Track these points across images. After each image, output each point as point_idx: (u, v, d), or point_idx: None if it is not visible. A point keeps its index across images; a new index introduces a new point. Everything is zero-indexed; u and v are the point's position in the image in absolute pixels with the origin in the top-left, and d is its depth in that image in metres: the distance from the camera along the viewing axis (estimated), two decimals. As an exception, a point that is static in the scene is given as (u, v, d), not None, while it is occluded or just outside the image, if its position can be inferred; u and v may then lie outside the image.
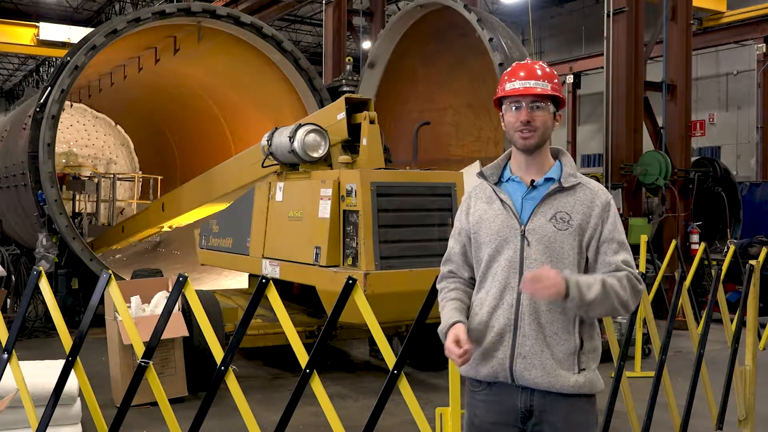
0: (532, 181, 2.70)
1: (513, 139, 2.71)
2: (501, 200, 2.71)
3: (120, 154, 17.99)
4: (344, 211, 6.37)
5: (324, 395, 3.60)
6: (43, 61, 31.37)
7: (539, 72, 2.70)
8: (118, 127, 17.98)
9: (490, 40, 9.10)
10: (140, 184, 17.74)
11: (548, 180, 2.69)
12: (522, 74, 2.70)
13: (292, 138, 6.93)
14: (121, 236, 13.56)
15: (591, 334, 2.66)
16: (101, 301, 3.89)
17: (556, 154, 2.77)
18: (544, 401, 2.61)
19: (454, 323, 2.65)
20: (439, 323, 2.74)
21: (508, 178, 2.76)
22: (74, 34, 20.10)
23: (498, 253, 2.69)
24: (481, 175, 2.80)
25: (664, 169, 10.99)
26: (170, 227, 13.21)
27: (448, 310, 2.73)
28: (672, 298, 5.04)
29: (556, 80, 2.72)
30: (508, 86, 2.71)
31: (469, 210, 2.80)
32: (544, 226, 2.63)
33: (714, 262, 10.06)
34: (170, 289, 5.96)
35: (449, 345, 2.61)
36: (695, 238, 11.34)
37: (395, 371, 3.46)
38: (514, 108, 2.69)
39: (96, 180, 15.97)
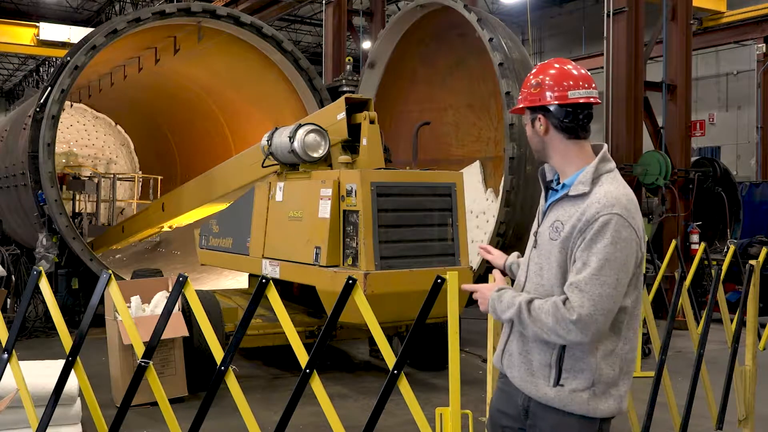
0: (558, 183, 2.71)
1: None
2: (544, 198, 2.78)
3: (120, 154, 17.99)
4: (344, 211, 6.36)
5: (324, 395, 3.60)
6: (43, 61, 31.36)
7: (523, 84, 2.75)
8: (118, 127, 17.98)
9: (490, 40, 9.10)
10: (140, 184, 17.74)
11: (565, 185, 2.65)
12: None
13: (292, 138, 6.93)
14: (121, 236, 13.56)
15: (580, 356, 2.52)
16: (101, 301, 3.89)
17: (596, 153, 2.67)
18: (536, 406, 2.62)
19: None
20: (439, 323, 2.77)
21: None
22: (74, 34, 20.11)
23: (526, 249, 2.79)
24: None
25: (664, 169, 10.98)
26: (170, 227, 13.22)
27: None
28: (672, 298, 5.04)
29: (528, 83, 2.68)
30: None
31: None
32: (545, 232, 2.64)
33: (714, 262, 10.06)
34: (170, 289, 5.97)
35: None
36: (695, 238, 11.33)
37: (395, 371, 3.46)
38: None
39: (96, 180, 15.96)
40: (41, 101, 9.72)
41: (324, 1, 15.25)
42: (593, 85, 2.64)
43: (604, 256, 2.41)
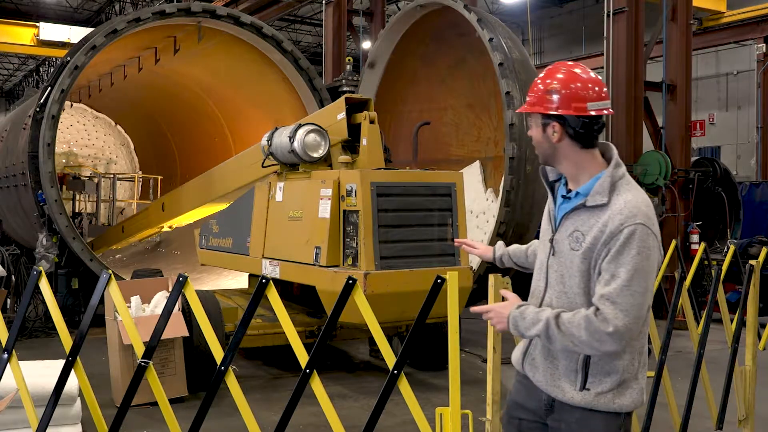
0: (569, 190, 2.67)
1: None
2: (552, 200, 2.74)
3: (120, 154, 18.00)
4: (344, 211, 6.37)
5: (324, 395, 3.60)
6: (43, 61, 31.38)
7: (534, 84, 2.67)
8: (118, 127, 17.99)
9: (490, 40, 9.09)
10: (140, 184, 17.75)
11: (579, 194, 2.61)
12: None
13: (292, 138, 6.93)
14: (121, 236, 13.56)
15: (606, 361, 2.56)
16: (101, 301, 3.88)
17: (609, 160, 2.63)
18: (561, 403, 2.63)
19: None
20: (439, 323, 2.76)
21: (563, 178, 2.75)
22: (74, 34, 20.10)
23: (540, 252, 2.76)
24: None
25: (664, 169, 10.98)
26: (170, 227, 13.22)
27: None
28: (672, 298, 5.03)
29: (540, 87, 2.61)
30: None
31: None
32: (563, 241, 2.62)
33: (714, 262, 10.05)
34: (170, 289, 5.97)
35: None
36: (695, 238, 11.34)
37: (395, 371, 3.46)
38: None
39: (96, 180, 15.97)
40: (41, 101, 9.71)
41: (324, 1, 15.25)
42: (605, 90, 2.61)
43: (633, 267, 2.42)
